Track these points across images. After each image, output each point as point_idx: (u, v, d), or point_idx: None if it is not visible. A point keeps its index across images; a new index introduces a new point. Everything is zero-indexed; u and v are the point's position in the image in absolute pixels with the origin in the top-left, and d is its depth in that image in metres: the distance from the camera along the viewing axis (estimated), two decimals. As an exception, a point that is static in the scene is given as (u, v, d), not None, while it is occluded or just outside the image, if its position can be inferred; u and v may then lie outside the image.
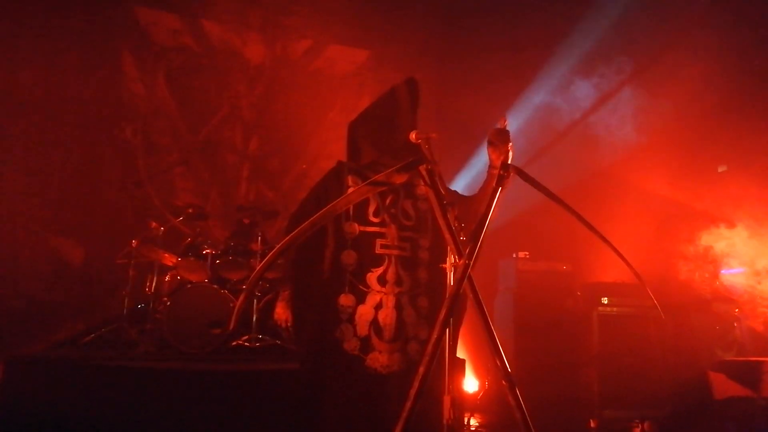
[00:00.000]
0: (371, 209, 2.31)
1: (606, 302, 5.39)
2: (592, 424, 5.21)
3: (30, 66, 6.44)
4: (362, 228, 2.30)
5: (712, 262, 5.21)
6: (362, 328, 2.22)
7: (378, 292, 2.25)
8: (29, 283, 5.92)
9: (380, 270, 2.27)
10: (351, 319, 2.23)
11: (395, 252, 2.31)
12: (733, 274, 5.25)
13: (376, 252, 2.29)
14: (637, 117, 6.46)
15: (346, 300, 2.24)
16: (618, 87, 6.53)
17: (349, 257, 2.27)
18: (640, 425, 5.22)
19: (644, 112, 6.46)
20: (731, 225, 5.16)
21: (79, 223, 6.45)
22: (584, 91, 6.67)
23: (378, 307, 2.25)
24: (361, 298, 2.25)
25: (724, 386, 4.08)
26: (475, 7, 7.60)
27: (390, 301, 2.26)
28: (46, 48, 6.55)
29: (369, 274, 2.27)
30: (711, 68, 5.95)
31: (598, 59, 6.63)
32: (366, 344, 2.21)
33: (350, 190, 2.29)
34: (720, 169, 6.24)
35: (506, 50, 6.89)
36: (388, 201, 2.35)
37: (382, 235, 2.30)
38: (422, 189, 1.73)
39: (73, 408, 3.54)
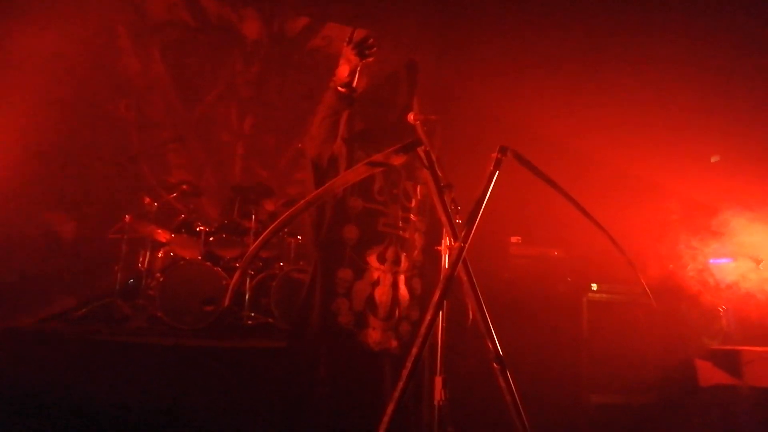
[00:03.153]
0: (376, 187, 2.31)
1: (595, 288, 5.44)
2: (579, 408, 5.28)
3: (22, 36, 6.34)
4: (366, 204, 2.30)
5: (700, 251, 5.24)
6: (358, 304, 2.23)
7: (376, 269, 2.27)
8: (20, 256, 5.89)
9: (380, 248, 2.28)
10: (348, 294, 2.24)
11: (396, 232, 2.32)
12: (722, 264, 5.30)
13: (378, 229, 2.29)
14: (629, 106, 6.47)
15: (344, 274, 2.25)
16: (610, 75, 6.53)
17: (350, 232, 2.28)
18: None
19: (636, 101, 6.47)
20: (722, 215, 5.19)
21: (71, 197, 6.42)
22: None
23: (375, 284, 2.26)
24: (359, 274, 2.26)
25: (709, 374, 4.14)
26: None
27: (387, 280, 2.28)
28: (38, 18, 6.45)
29: (369, 251, 2.28)
30: (704, 57, 5.96)
31: (596, 45, 6.62)
32: (360, 320, 2.23)
33: (340, 146, 2.28)
34: (713, 159, 6.27)
35: (506, 33, 6.86)
36: (390, 181, 2.35)
37: (384, 214, 2.31)
38: (424, 172, 1.73)
39: (63, 382, 3.54)
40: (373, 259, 2.27)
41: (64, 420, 3.37)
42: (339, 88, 2.18)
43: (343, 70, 2.19)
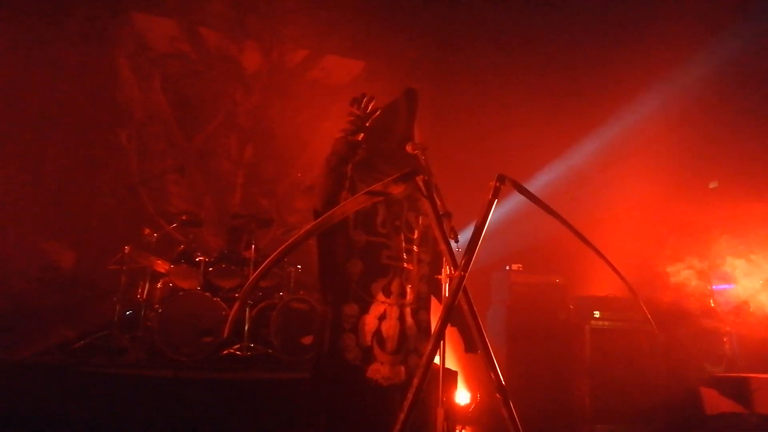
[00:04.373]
0: (379, 219, 2.30)
1: (598, 315, 5.41)
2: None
3: (26, 68, 6.41)
4: (370, 238, 2.29)
5: (702, 277, 5.23)
6: (365, 338, 2.19)
7: (382, 302, 2.23)
8: (18, 287, 5.86)
9: (385, 281, 2.25)
10: (354, 329, 2.20)
11: (400, 264, 2.30)
12: (724, 290, 5.28)
13: (383, 262, 2.28)
14: (630, 135, 6.53)
15: (349, 309, 2.22)
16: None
17: (354, 266, 2.25)
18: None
19: (637, 130, 6.53)
20: (722, 241, 5.19)
21: (71, 227, 6.42)
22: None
23: (382, 318, 2.23)
24: (365, 308, 2.22)
25: (715, 402, 4.08)
26: (467, 24, 7.67)
27: (394, 313, 2.25)
28: (42, 51, 6.54)
29: (374, 284, 2.24)
30: (704, 86, 6.03)
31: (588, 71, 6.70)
32: (368, 355, 2.19)
33: (347, 197, 2.28)
34: (711, 186, 6.30)
35: (498, 66, 6.96)
36: (393, 212, 2.34)
37: (388, 246, 2.29)
38: (424, 202, 1.73)
39: (61, 414, 3.50)
40: (378, 293, 2.24)
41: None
42: (347, 136, 2.20)
43: (348, 123, 2.22)
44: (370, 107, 2.21)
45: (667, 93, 6.36)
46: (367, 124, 2.23)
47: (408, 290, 2.30)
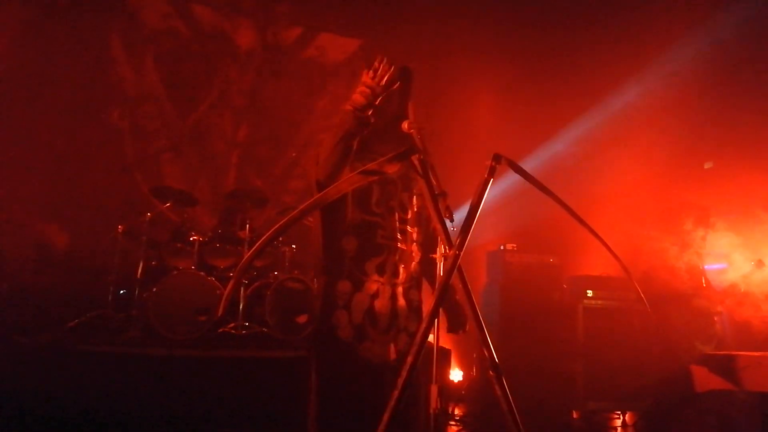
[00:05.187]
0: (374, 199, 2.31)
1: (591, 295, 5.45)
2: (575, 415, 5.28)
3: (14, 45, 6.33)
4: (365, 217, 2.29)
5: (695, 257, 5.26)
6: (357, 316, 2.22)
7: (375, 281, 2.25)
8: (13, 268, 5.86)
9: (379, 260, 2.27)
10: (347, 306, 2.22)
11: (394, 244, 2.31)
12: (716, 270, 5.31)
13: (377, 242, 2.29)
14: (625, 115, 6.52)
15: (343, 286, 2.24)
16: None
17: (349, 243, 2.27)
18: (621, 416, 5.31)
19: (633, 110, 6.52)
20: (716, 221, 5.21)
21: (64, 208, 6.38)
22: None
23: (374, 296, 2.25)
24: (358, 286, 2.25)
25: (705, 379, 4.13)
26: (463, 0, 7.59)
27: (386, 292, 2.27)
28: (32, 28, 6.44)
29: (368, 263, 2.26)
30: (699, 67, 6.01)
31: (591, 51, 6.67)
32: (360, 333, 2.21)
33: (348, 173, 2.27)
34: (706, 166, 6.31)
35: (494, 44, 6.92)
36: (387, 192, 2.35)
37: (382, 226, 2.30)
38: (419, 182, 1.71)
39: (57, 393, 3.52)
40: (372, 271, 2.26)
41: (57, 430, 3.34)
42: (357, 112, 2.15)
43: (360, 96, 2.16)
44: (385, 79, 2.14)
45: (662, 72, 6.34)
46: (377, 102, 2.17)
47: (401, 270, 2.32)
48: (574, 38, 6.95)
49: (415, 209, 2.43)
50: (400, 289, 2.31)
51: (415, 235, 2.41)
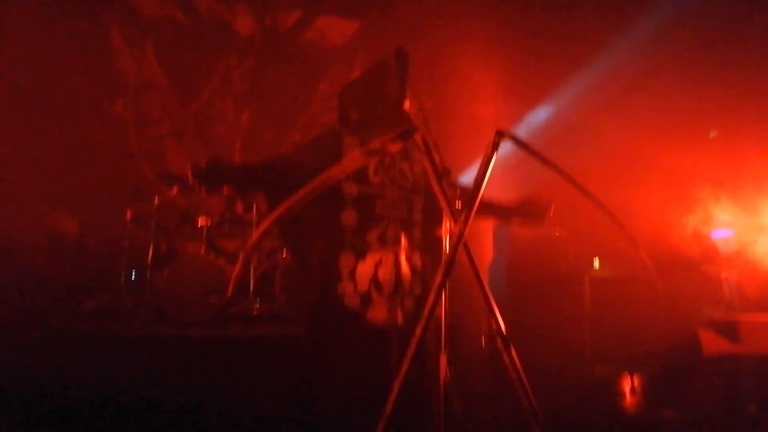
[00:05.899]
0: (371, 169, 2.33)
1: (597, 265, 5.48)
2: (583, 382, 5.32)
3: (18, 37, 6.33)
4: (363, 188, 2.32)
5: (702, 224, 5.26)
6: (362, 285, 2.26)
7: (378, 250, 2.29)
8: (25, 256, 5.92)
9: (380, 229, 2.31)
10: (352, 277, 2.27)
11: (394, 212, 2.35)
12: (723, 236, 5.32)
13: (377, 212, 2.32)
14: (628, 82, 6.46)
15: (346, 259, 2.28)
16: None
17: (349, 218, 2.30)
18: (630, 378, 5.33)
19: (636, 77, 6.46)
20: (721, 189, 5.20)
21: (73, 195, 6.44)
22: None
23: (378, 264, 2.29)
24: (361, 256, 2.29)
25: (713, 344, 4.17)
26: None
27: (389, 259, 2.31)
28: (34, 19, 6.44)
29: (369, 233, 2.30)
30: (703, 34, 5.94)
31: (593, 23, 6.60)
32: (366, 300, 2.26)
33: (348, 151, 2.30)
34: (711, 135, 6.28)
35: (497, 22, 6.84)
36: (386, 162, 2.37)
37: (381, 196, 2.33)
38: (421, 156, 1.73)
39: (70, 377, 3.58)
40: (373, 241, 2.30)
41: (72, 414, 3.40)
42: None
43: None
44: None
45: (664, 37, 6.26)
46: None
47: (402, 237, 2.35)
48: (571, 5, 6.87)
49: (415, 176, 2.45)
50: (402, 256, 2.35)
51: (415, 203, 2.44)
